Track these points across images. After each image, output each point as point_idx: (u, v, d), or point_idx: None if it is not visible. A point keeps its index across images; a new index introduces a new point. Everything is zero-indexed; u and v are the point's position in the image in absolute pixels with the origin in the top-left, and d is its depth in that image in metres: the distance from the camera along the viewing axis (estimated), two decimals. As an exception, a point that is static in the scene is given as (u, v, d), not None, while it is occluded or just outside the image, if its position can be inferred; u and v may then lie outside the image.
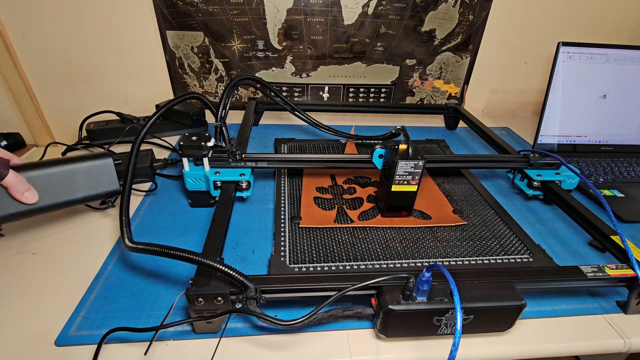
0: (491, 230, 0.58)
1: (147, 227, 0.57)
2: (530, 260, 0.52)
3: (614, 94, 0.83)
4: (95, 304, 0.44)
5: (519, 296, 0.40)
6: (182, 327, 0.42)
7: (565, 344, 0.44)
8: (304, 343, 0.42)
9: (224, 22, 0.90)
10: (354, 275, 0.42)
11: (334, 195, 0.65)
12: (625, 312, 0.47)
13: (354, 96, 1.07)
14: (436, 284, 0.40)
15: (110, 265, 0.50)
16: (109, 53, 0.90)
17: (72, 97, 0.93)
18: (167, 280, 0.48)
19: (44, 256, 0.52)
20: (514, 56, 1.06)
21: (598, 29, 1.04)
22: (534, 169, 0.66)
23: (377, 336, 0.43)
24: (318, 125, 0.79)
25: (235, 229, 0.58)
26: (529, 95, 1.14)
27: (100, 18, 0.85)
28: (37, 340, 0.40)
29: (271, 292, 0.40)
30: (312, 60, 0.99)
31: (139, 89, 0.96)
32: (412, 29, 0.97)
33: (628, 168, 0.80)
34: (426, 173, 0.74)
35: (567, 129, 0.85)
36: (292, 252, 0.51)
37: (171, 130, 0.88)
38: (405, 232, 0.57)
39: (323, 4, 0.90)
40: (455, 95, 1.11)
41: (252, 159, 0.60)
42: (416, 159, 0.53)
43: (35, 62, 0.87)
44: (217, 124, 0.61)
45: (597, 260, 0.56)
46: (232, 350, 0.41)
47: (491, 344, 0.43)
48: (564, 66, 0.80)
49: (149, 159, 0.68)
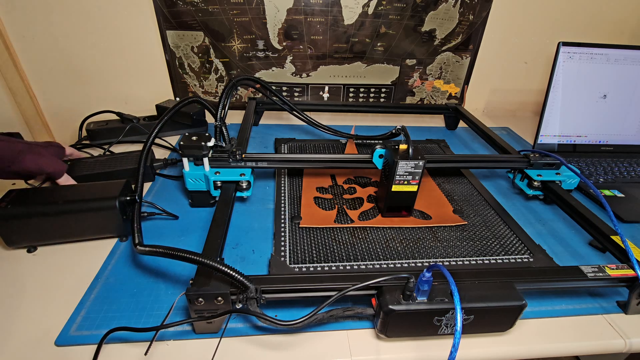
0: (491, 230, 0.58)
1: (147, 226, 0.57)
2: (531, 260, 0.52)
3: (614, 94, 0.83)
4: (95, 304, 0.44)
5: (520, 296, 0.40)
6: (182, 327, 0.42)
7: (565, 344, 0.44)
8: (304, 343, 0.42)
9: (224, 22, 0.90)
10: (354, 276, 0.42)
11: (334, 195, 0.65)
12: (626, 312, 0.47)
13: (354, 96, 1.07)
14: (436, 284, 0.40)
15: (110, 265, 0.50)
16: (109, 53, 0.90)
17: (72, 97, 0.93)
18: (167, 280, 0.48)
19: (44, 256, 0.52)
20: (514, 56, 1.06)
21: (598, 29, 1.04)
22: (534, 169, 0.66)
23: (378, 336, 0.43)
24: (317, 125, 0.79)
25: (236, 229, 0.58)
26: (529, 95, 1.14)
27: (100, 18, 0.85)
28: (37, 340, 0.40)
29: (271, 292, 0.40)
30: (312, 60, 0.99)
31: (139, 89, 0.96)
32: (412, 29, 0.97)
33: (628, 168, 0.80)
34: (426, 173, 0.74)
35: (567, 129, 0.85)
36: (292, 252, 0.51)
37: (171, 130, 0.88)
38: (405, 232, 0.57)
39: (323, 4, 0.90)
40: (455, 95, 1.11)
41: (252, 159, 0.60)
42: (416, 159, 0.53)
43: (35, 62, 0.87)
44: (217, 124, 0.61)
45: (597, 261, 0.56)
46: (233, 350, 0.40)
47: (491, 344, 0.43)
48: (564, 66, 0.80)
49: (149, 159, 0.68)
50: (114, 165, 0.66)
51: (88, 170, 0.64)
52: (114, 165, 0.66)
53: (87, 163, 0.66)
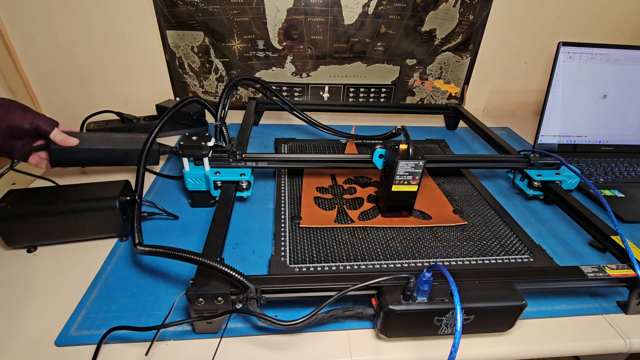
0: (491, 230, 0.58)
1: (147, 226, 0.57)
2: (531, 260, 0.52)
3: (614, 94, 0.83)
4: (95, 304, 0.44)
5: (520, 296, 0.40)
6: (182, 327, 0.42)
7: (565, 344, 0.44)
8: (304, 343, 0.42)
9: (224, 21, 0.90)
10: (355, 276, 0.42)
11: (334, 195, 0.65)
12: (626, 312, 0.47)
13: (354, 96, 1.07)
14: (437, 284, 0.40)
15: (110, 265, 0.50)
16: (109, 53, 0.90)
17: (72, 97, 0.93)
18: (167, 281, 0.48)
19: (44, 256, 0.52)
20: (514, 56, 1.06)
21: (598, 29, 1.04)
22: (534, 169, 0.66)
23: (378, 336, 0.43)
24: (317, 125, 0.79)
25: (236, 229, 0.58)
26: (529, 95, 1.14)
27: (100, 18, 0.85)
28: (37, 340, 0.40)
29: (271, 292, 0.40)
30: (312, 60, 0.99)
31: (139, 89, 0.96)
32: (413, 29, 0.97)
33: (628, 168, 0.80)
34: (426, 173, 0.74)
35: (567, 129, 0.85)
36: (292, 252, 0.51)
37: (171, 130, 0.88)
38: (405, 232, 0.57)
39: (323, 4, 0.90)
40: (455, 95, 1.11)
41: (252, 158, 0.60)
42: (416, 158, 0.53)
43: (35, 62, 0.87)
44: (217, 124, 0.61)
45: (597, 261, 0.56)
46: (233, 350, 0.40)
47: (492, 344, 0.43)
48: (564, 66, 0.80)
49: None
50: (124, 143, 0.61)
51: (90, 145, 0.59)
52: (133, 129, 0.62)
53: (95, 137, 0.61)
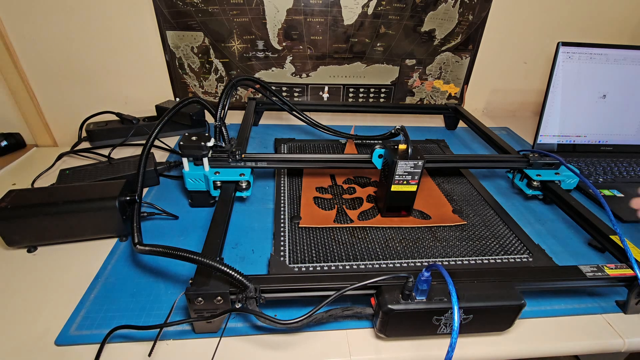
0: (491, 230, 0.58)
1: (147, 226, 0.57)
2: (530, 260, 0.52)
3: (614, 94, 0.83)
4: (95, 303, 0.44)
5: (518, 296, 0.40)
6: (182, 327, 0.42)
7: (564, 344, 0.44)
8: (303, 343, 0.42)
9: (224, 22, 0.90)
10: (354, 275, 0.43)
11: (333, 195, 0.65)
12: (625, 312, 0.47)
13: (354, 96, 1.07)
14: (435, 284, 0.40)
15: (110, 265, 0.50)
16: (109, 53, 0.90)
17: (72, 98, 0.94)
18: (167, 280, 0.48)
19: (44, 256, 0.52)
20: (514, 56, 1.06)
21: (598, 29, 1.04)
22: (533, 168, 0.67)
23: (377, 336, 0.43)
24: (317, 126, 0.79)
25: (235, 229, 0.58)
26: (529, 95, 1.14)
27: (100, 18, 0.85)
28: (37, 340, 0.40)
29: (271, 291, 0.41)
30: (312, 61, 0.99)
31: (139, 90, 0.96)
32: (412, 29, 0.97)
33: (628, 168, 0.80)
34: (426, 173, 0.74)
35: (566, 129, 0.85)
36: (291, 252, 0.52)
37: (171, 130, 0.88)
38: (404, 232, 0.57)
39: (323, 4, 0.90)
40: (455, 95, 1.11)
41: (252, 159, 0.60)
42: (416, 158, 0.53)
43: (35, 62, 0.87)
44: (217, 124, 0.61)
45: (596, 260, 0.56)
46: (232, 349, 0.41)
47: (490, 343, 0.43)
48: (563, 66, 0.80)
49: (152, 162, 0.68)
50: (116, 171, 0.66)
51: (90, 179, 0.63)
52: (116, 171, 0.66)
53: (88, 171, 0.66)
